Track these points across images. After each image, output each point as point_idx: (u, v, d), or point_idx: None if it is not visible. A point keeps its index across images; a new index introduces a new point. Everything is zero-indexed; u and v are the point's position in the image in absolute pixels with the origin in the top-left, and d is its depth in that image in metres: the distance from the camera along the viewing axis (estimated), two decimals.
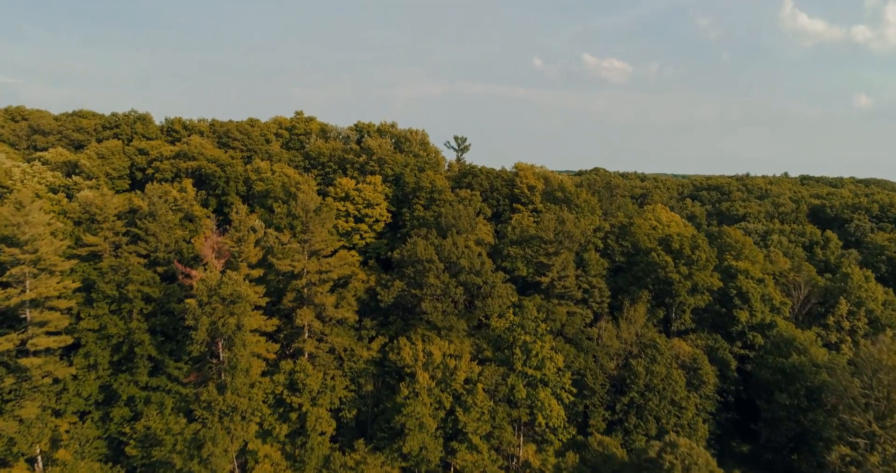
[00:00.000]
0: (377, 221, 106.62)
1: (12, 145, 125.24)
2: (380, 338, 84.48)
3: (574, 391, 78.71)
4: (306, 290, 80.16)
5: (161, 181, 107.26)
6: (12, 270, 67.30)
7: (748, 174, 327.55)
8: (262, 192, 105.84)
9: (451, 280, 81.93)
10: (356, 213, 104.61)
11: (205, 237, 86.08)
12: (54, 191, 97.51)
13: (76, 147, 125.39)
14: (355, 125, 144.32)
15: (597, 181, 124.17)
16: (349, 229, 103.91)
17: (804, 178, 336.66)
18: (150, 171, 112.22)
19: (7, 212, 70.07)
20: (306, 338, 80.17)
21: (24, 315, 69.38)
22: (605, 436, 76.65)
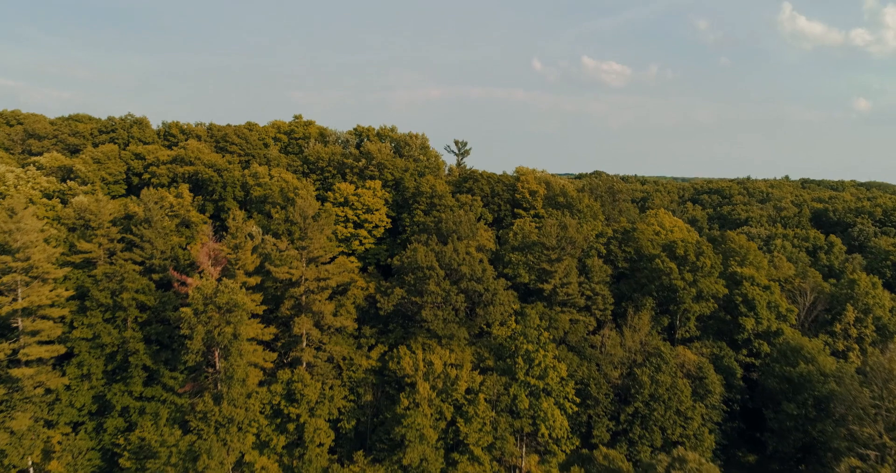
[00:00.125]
0: (377, 226, 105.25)
1: (7, 150, 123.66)
2: (379, 346, 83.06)
3: (577, 400, 77.21)
4: (304, 298, 78.82)
5: (157, 186, 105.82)
6: (4, 278, 65.97)
7: (749, 178, 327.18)
8: (260, 197, 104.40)
9: (451, 288, 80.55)
10: (355, 218, 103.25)
11: (201, 244, 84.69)
12: (49, 196, 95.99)
13: (72, 152, 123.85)
14: (355, 129, 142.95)
15: (599, 186, 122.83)
16: (348, 235, 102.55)
17: (805, 181, 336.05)
18: (146, 176, 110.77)
19: None
20: (304, 347, 78.69)
21: (15, 324, 68.08)
22: (610, 448, 75.05)
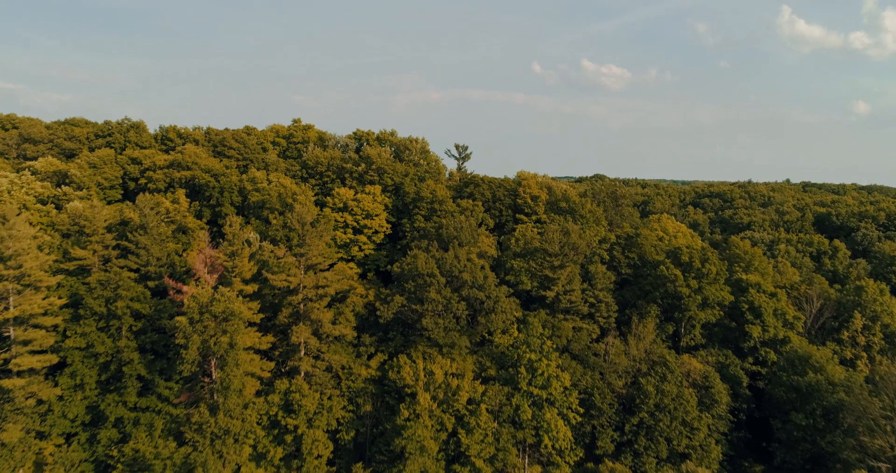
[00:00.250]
0: (376, 232, 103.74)
1: (1, 154, 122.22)
2: (379, 355, 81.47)
3: (581, 411, 75.59)
4: (302, 306, 77.33)
5: (154, 192, 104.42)
6: None
7: (750, 181, 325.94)
8: (258, 202, 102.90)
9: (452, 295, 79.03)
10: (355, 224, 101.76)
11: (198, 250, 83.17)
12: (43, 202, 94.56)
13: (68, 156, 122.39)
14: (354, 133, 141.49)
15: (601, 190, 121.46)
16: (347, 241, 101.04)
17: (806, 185, 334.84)
18: (142, 181, 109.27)
19: None
20: (302, 356, 77.10)
21: (7, 334, 66.92)
22: (614, 459, 73.54)
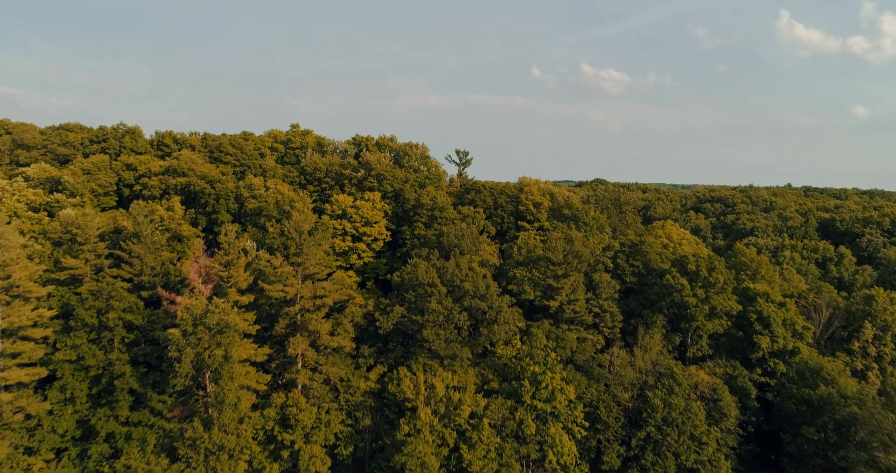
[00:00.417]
0: (376, 239, 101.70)
1: None
2: (378, 367, 79.36)
3: (586, 424, 73.51)
4: (300, 317, 75.31)
5: (149, 198, 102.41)
6: None
7: (751, 186, 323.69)
8: (255, 210, 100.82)
9: (454, 306, 76.97)
10: (354, 231, 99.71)
11: (194, 259, 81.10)
12: (35, 210, 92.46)
13: (62, 162, 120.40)
14: (353, 139, 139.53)
15: (604, 197, 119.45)
16: (346, 249, 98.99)
17: (808, 189, 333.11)
18: (137, 187, 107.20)
19: None
20: (300, 368, 74.98)
21: None
22: None
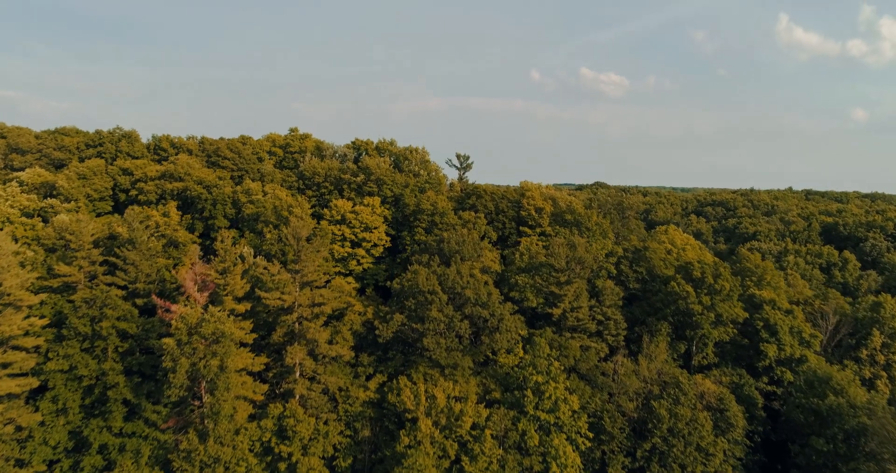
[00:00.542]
0: (375, 245, 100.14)
1: None
2: (378, 376, 77.78)
3: (590, 435, 71.88)
4: (298, 325, 73.75)
5: (145, 204, 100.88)
6: None
7: (752, 189, 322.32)
8: (253, 215, 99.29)
9: (455, 314, 75.44)
10: (353, 237, 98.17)
11: (190, 265, 79.57)
12: (28, 215, 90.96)
13: (57, 167, 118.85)
14: (353, 143, 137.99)
15: (607, 201, 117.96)
16: (345, 255, 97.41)
17: (809, 193, 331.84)
18: (133, 192, 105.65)
19: None
20: (297, 378, 73.37)
21: None
22: None
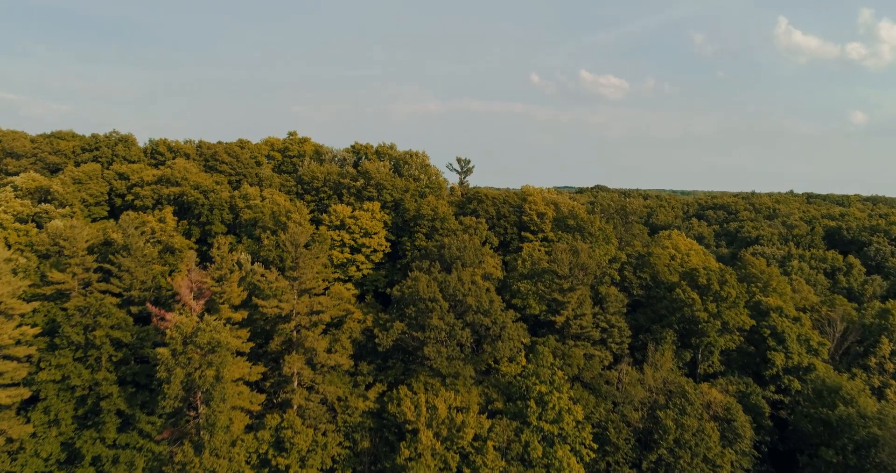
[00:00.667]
0: (375, 251, 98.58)
1: None
2: (378, 385, 76.25)
3: (595, 446, 70.29)
4: (296, 334, 72.19)
5: (141, 209, 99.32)
6: None
7: (754, 192, 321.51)
8: (250, 221, 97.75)
9: (456, 322, 73.87)
10: (352, 242, 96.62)
11: (187, 272, 78.02)
12: (22, 221, 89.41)
13: (52, 171, 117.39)
14: (352, 147, 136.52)
15: (610, 205, 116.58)
16: (345, 261, 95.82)
17: (810, 196, 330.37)
18: (129, 197, 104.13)
19: None
20: (295, 387, 71.81)
21: None
22: None
